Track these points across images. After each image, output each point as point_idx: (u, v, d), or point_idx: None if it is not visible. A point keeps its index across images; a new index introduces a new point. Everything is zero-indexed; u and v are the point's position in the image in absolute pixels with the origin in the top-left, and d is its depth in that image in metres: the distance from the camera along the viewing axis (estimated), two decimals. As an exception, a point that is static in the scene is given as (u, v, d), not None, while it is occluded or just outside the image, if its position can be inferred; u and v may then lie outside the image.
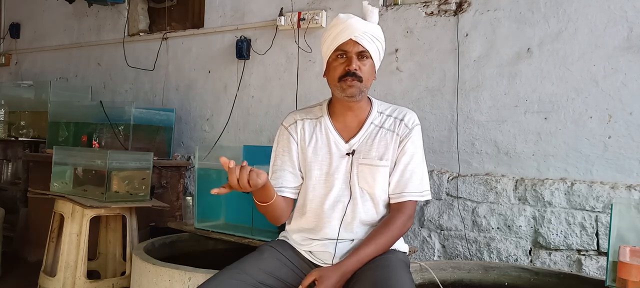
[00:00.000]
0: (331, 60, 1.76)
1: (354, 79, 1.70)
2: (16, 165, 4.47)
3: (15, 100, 4.63)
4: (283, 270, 1.74)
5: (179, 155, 4.08)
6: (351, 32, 1.70)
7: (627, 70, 2.50)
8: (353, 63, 1.71)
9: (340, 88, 1.73)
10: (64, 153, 3.17)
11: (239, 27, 3.84)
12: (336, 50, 1.73)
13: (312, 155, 1.81)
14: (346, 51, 1.72)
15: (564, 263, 2.57)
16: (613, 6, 2.54)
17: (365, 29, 1.71)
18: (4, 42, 5.73)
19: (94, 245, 3.15)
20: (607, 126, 2.53)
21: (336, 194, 1.77)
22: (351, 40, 1.71)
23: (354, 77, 1.70)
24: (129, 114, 3.64)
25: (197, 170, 2.75)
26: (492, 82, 2.82)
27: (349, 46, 1.71)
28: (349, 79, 1.70)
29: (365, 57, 1.74)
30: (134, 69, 4.44)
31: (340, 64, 1.73)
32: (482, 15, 2.87)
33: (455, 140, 2.90)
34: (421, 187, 1.78)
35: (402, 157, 1.77)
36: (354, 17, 1.73)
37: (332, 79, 1.75)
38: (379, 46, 1.77)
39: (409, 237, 2.99)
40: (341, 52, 1.73)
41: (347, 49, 1.72)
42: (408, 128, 1.79)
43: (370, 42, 1.72)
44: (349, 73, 1.70)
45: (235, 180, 1.49)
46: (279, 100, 3.63)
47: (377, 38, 1.75)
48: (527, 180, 2.69)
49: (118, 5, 4.58)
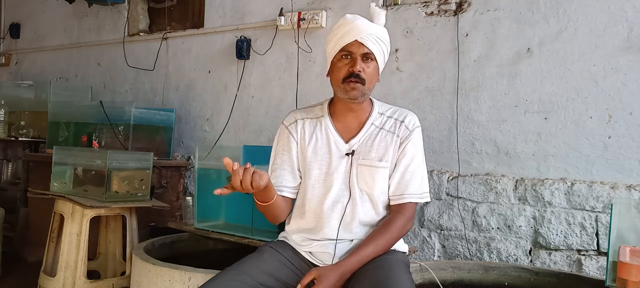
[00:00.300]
0: (336, 60, 1.75)
1: (357, 81, 1.70)
2: (16, 165, 4.47)
3: (15, 100, 4.63)
4: (283, 270, 1.74)
5: (179, 155, 4.08)
6: (357, 33, 1.70)
7: (627, 70, 2.50)
8: (357, 64, 1.71)
9: (343, 89, 1.73)
10: (64, 153, 3.17)
11: (239, 27, 3.84)
12: (341, 51, 1.73)
13: (312, 155, 1.81)
14: (351, 52, 1.72)
15: (564, 263, 2.57)
16: (613, 6, 2.54)
17: (371, 31, 1.71)
18: (4, 42, 5.73)
19: (94, 245, 3.15)
20: (607, 126, 2.53)
21: (335, 194, 1.77)
22: (357, 42, 1.70)
23: (357, 79, 1.70)
24: (129, 114, 3.64)
25: (197, 170, 2.75)
26: (492, 82, 2.82)
27: (354, 47, 1.71)
28: (353, 80, 1.70)
29: (369, 59, 1.73)
30: (134, 69, 4.44)
31: (345, 65, 1.73)
32: (482, 15, 2.87)
33: (455, 140, 2.90)
34: (421, 188, 1.78)
35: (402, 158, 1.77)
36: (361, 19, 1.73)
37: (336, 80, 1.75)
38: (384, 48, 1.77)
39: (409, 237, 2.99)
40: (346, 53, 1.72)
41: (352, 50, 1.71)
42: (408, 130, 1.79)
43: (375, 44, 1.72)
44: (353, 75, 1.70)
45: (239, 182, 1.48)
46: (279, 100, 3.63)
47: (383, 40, 1.75)
48: (527, 180, 2.69)
49: (118, 5, 4.58)
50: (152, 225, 3.35)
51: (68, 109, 4.01)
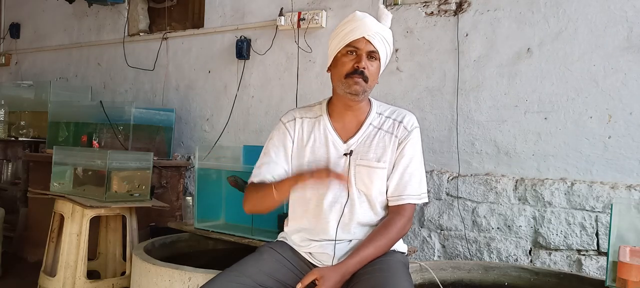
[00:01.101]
0: (340, 55, 1.75)
1: (360, 77, 1.71)
2: (16, 165, 4.47)
3: (15, 100, 4.63)
4: (282, 271, 1.74)
5: (179, 155, 4.08)
6: (365, 30, 1.71)
7: (627, 70, 2.50)
8: (362, 61, 1.71)
9: (345, 84, 1.73)
10: (64, 153, 3.17)
11: (239, 27, 3.84)
12: (347, 46, 1.73)
13: (310, 154, 1.80)
14: (357, 48, 1.72)
15: (564, 263, 2.57)
16: (613, 6, 2.54)
17: (378, 30, 1.72)
18: (4, 42, 5.73)
19: (94, 245, 3.14)
20: (607, 126, 2.53)
21: (334, 195, 1.76)
22: (364, 38, 1.71)
23: (361, 75, 1.71)
24: (129, 114, 3.64)
25: (197, 170, 2.75)
26: (492, 82, 2.82)
27: (361, 44, 1.71)
28: (356, 76, 1.71)
29: (374, 58, 1.74)
30: (134, 69, 4.44)
31: (350, 60, 1.73)
32: (482, 15, 2.87)
33: (455, 140, 2.90)
34: (420, 189, 1.78)
35: (400, 159, 1.76)
36: (370, 17, 1.74)
37: (339, 74, 1.75)
38: (387, 49, 1.78)
39: (409, 237, 2.99)
40: (352, 49, 1.73)
41: (358, 46, 1.72)
42: (407, 130, 1.79)
43: (381, 43, 1.74)
44: (357, 71, 1.71)
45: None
46: (279, 100, 3.63)
47: (388, 41, 1.77)
48: (527, 180, 2.69)
49: (118, 5, 4.58)
50: (152, 225, 3.35)
51: (68, 109, 4.01)
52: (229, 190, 2.57)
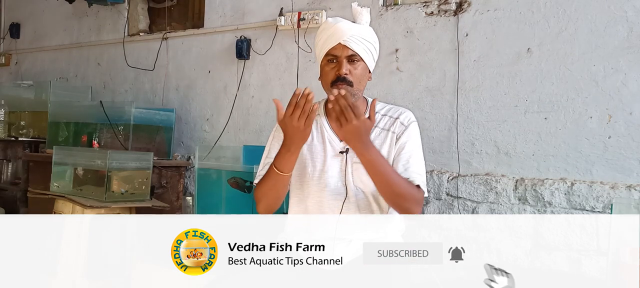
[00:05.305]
0: (323, 65, 1.77)
1: (344, 84, 1.71)
2: (16, 165, 4.46)
3: (15, 100, 4.63)
4: None
5: (179, 155, 4.08)
6: (340, 36, 1.70)
7: (627, 70, 2.50)
8: (343, 67, 1.71)
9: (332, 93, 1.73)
10: (64, 153, 3.17)
11: (239, 27, 3.83)
12: (327, 55, 1.74)
13: (307, 153, 1.81)
14: (336, 56, 1.72)
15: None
16: (613, 6, 2.54)
17: (354, 32, 1.71)
18: (4, 42, 5.73)
19: (94, 245, 3.14)
20: (607, 126, 2.53)
21: (332, 192, 1.76)
22: (340, 44, 1.71)
23: (344, 82, 1.71)
24: (129, 114, 3.64)
25: (197, 170, 2.75)
26: (492, 82, 2.82)
27: (338, 50, 1.72)
28: (339, 83, 1.71)
29: (355, 60, 1.73)
30: (133, 69, 4.44)
31: (332, 69, 1.74)
32: (482, 15, 2.87)
33: (455, 140, 2.90)
34: (422, 178, 1.74)
35: (400, 151, 1.74)
36: (343, 21, 1.73)
37: (325, 84, 1.77)
38: (370, 47, 1.76)
39: (409, 237, 2.99)
40: (332, 57, 1.73)
41: (336, 53, 1.72)
42: (404, 125, 1.78)
43: (359, 44, 1.72)
44: (340, 78, 1.71)
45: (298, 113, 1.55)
46: (279, 100, 3.62)
47: (367, 39, 1.75)
48: (527, 180, 2.69)
49: (118, 5, 4.58)
50: (152, 225, 3.34)
51: (68, 109, 4.01)
52: (229, 190, 2.57)
